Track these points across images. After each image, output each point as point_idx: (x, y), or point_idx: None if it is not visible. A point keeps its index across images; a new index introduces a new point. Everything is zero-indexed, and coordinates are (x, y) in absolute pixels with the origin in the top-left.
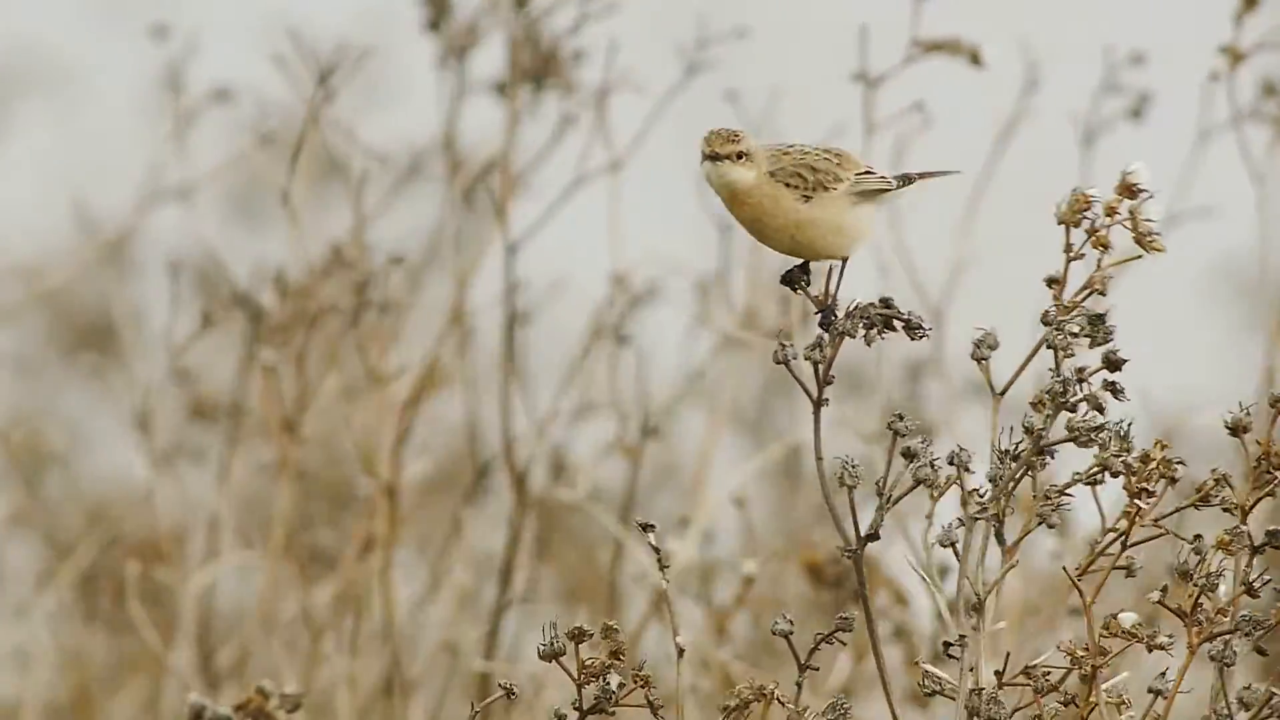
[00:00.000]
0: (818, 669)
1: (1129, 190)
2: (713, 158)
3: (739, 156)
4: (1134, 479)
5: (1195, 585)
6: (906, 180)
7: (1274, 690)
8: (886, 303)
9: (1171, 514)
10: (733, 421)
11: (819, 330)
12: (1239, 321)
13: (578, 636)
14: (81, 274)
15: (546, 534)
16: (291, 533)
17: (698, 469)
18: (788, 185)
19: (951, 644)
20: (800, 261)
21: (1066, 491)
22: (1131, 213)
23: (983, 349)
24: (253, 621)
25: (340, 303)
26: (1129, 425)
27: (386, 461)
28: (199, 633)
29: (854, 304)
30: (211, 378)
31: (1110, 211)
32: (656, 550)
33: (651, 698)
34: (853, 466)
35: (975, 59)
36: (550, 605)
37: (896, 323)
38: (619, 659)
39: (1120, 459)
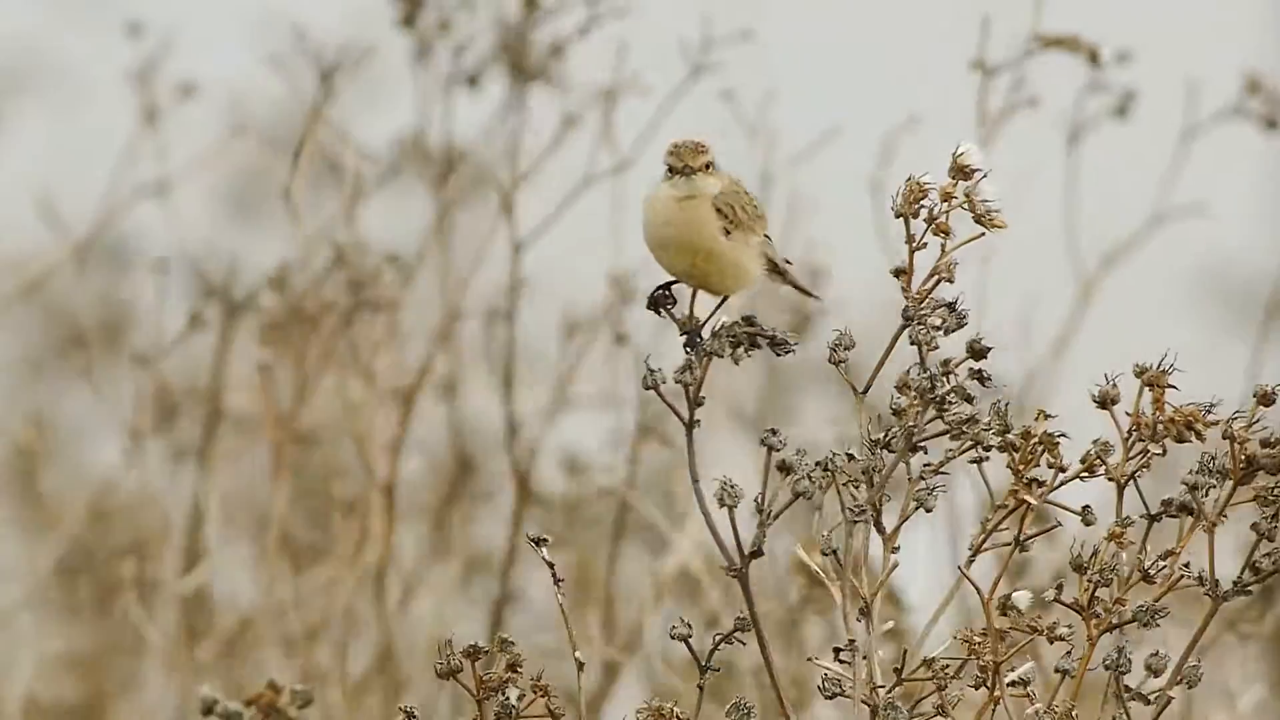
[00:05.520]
0: (719, 670)
1: (962, 172)
2: (685, 171)
3: (708, 168)
4: (1016, 455)
5: (1090, 581)
6: (785, 267)
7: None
8: (750, 320)
9: (1056, 487)
10: (731, 419)
11: (685, 352)
12: (1221, 320)
13: (473, 654)
14: (66, 272)
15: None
16: (286, 530)
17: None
18: (718, 211)
19: (841, 649)
20: (665, 283)
21: (941, 470)
22: (967, 195)
23: (840, 351)
24: (248, 618)
25: (337, 301)
26: (1005, 404)
27: (383, 459)
28: (191, 629)
29: (720, 325)
30: (206, 375)
31: (946, 196)
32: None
33: (552, 707)
34: (731, 487)
35: (1094, 57)
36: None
37: (761, 340)
38: (516, 672)
39: (993, 433)
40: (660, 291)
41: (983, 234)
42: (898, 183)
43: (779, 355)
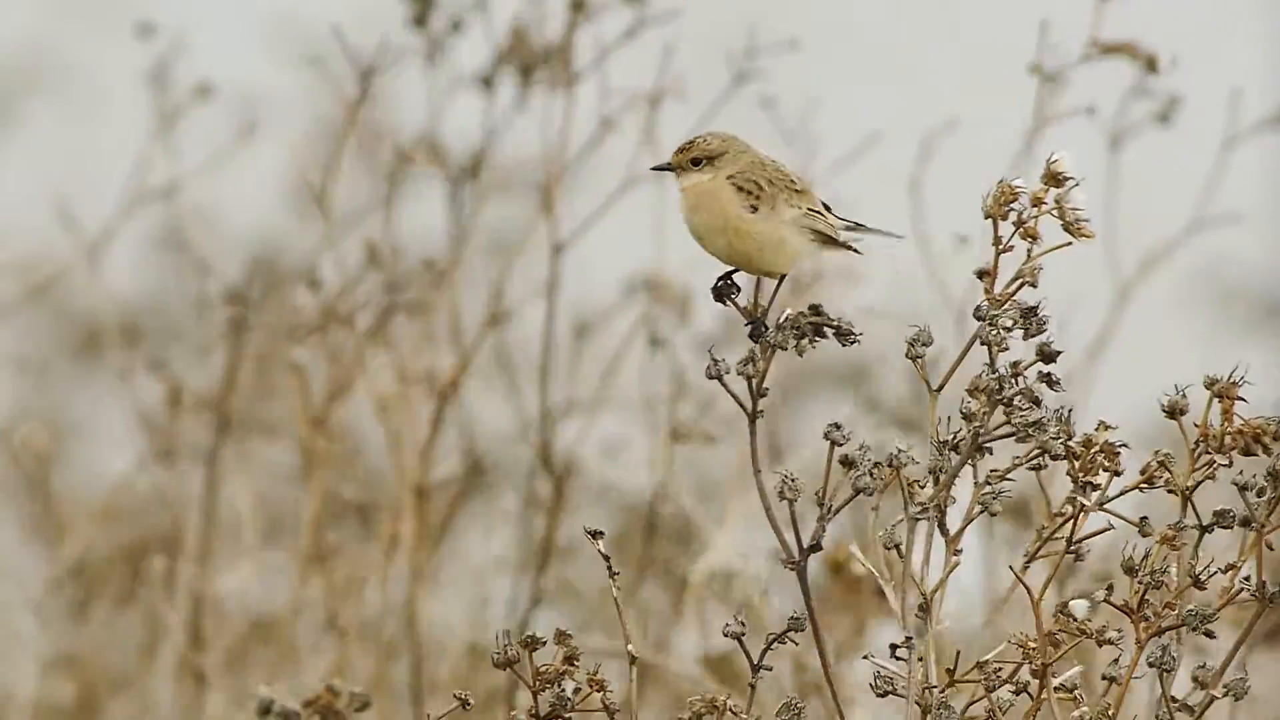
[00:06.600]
0: (770, 669)
1: (1055, 179)
2: (666, 168)
3: (694, 163)
4: (1078, 463)
5: (1140, 583)
6: (853, 226)
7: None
8: (816, 310)
9: (1116, 498)
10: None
11: (750, 342)
12: (1227, 322)
13: (531, 644)
14: (80, 273)
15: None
16: (318, 532)
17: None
18: (739, 189)
19: (898, 645)
20: (726, 272)
21: (1007, 476)
22: (1058, 201)
23: (916, 347)
24: (276, 621)
25: (373, 302)
26: (1069, 411)
27: (416, 461)
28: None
29: (784, 315)
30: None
31: (1037, 202)
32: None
33: (607, 701)
34: (792, 480)
35: (1152, 65)
36: (574, 605)
37: (827, 329)
38: (574, 664)
39: (1060, 441)
40: (722, 282)
41: (1070, 242)
42: (935, 184)
43: (844, 345)
